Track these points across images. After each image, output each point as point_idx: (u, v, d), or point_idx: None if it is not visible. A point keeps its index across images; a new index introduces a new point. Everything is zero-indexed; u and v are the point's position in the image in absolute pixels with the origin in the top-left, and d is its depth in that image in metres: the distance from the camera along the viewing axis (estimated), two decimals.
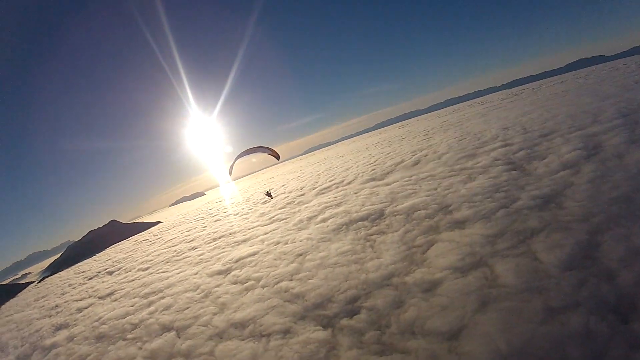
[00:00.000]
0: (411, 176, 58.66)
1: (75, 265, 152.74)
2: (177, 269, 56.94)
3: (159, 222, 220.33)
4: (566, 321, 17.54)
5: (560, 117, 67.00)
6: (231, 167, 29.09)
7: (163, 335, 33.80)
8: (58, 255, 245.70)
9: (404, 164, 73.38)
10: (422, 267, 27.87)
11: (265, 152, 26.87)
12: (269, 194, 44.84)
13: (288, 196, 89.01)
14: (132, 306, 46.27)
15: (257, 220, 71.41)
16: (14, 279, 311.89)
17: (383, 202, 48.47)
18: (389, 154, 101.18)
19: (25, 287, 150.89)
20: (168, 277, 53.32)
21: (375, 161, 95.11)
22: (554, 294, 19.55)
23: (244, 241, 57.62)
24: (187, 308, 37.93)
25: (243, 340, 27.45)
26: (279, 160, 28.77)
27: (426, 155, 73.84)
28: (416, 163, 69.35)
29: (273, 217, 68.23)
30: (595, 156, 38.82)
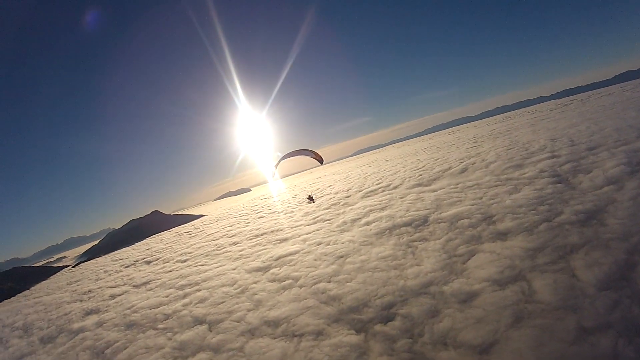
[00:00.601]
0: (457, 184, 58.86)
1: (113, 253, 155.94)
2: (216, 263, 58.36)
3: (202, 215, 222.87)
4: (596, 342, 17.85)
5: (606, 130, 66.15)
6: (275, 167, 29.65)
7: (195, 327, 35.08)
8: (96, 242, 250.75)
9: (451, 171, 73.42)
10: (461, 277, 28.29)
11: (309, 155, 27.25)
12: (310, 198, 44.93)
13: (334, 197, 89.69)
14: (166, 297, 47.79)
15: (301, 220, 72.33)
16: (47, 262, 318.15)
17: (428, 209, 48.74)
18: (437, 159, 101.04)
19: (59, 271, 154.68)
20: (206, 271, 54.81)
21: (423, 166, 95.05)
22: (587, 314, 19.84)
23: (286, 240, 58.57)
24: (222, 302, 39.10)
25: (275, 338, 28.33)
26: (322, 164, 29.12)
27: (474, 163, 73.82)
28: (463, 170, 69.43)
29: (317, 217, 68.98)
30: (638, 172, 38.57)
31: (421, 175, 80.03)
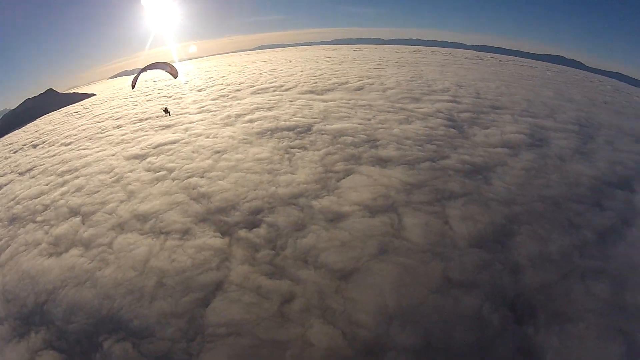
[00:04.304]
0: (350, 100, 57.42)
1: (6, 136, 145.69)
2: (97, 147, 53.97)
3: (94, 94, 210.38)
4: (459, 297, 17.18)
5: (517, 97, 64.24)
6: (135, 79, 28.11)
7: (69, 219, 31.93)
8: None
9: (347, 85, 71.49)
10: (332, 195, 27.21)
11: (165, 69, 25.93)
12: (166, 111, 42.35)
13: (224, 89, 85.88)
14: (47, 185, 43.14)
15: (187, 107, 69.12)
16: None
17: (314, 118, 47.31)
18: (336, 71, 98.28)
19: None
20: (87, 155, 50.54)
21: (320, 75, 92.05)
22: (454, 265, 19.16)
23: (168, 127, 55.45)
24: (97, 192, 36.02)
25: (142, 235, 26.26)
26: (176, 78, 27.71)
27: (372, 84, 71.99)
28: (360, 89, 67.74)
29: (203, 107, 65.94)
30: (538, 148, 37.32)
31: (316, 83, 77.72)
